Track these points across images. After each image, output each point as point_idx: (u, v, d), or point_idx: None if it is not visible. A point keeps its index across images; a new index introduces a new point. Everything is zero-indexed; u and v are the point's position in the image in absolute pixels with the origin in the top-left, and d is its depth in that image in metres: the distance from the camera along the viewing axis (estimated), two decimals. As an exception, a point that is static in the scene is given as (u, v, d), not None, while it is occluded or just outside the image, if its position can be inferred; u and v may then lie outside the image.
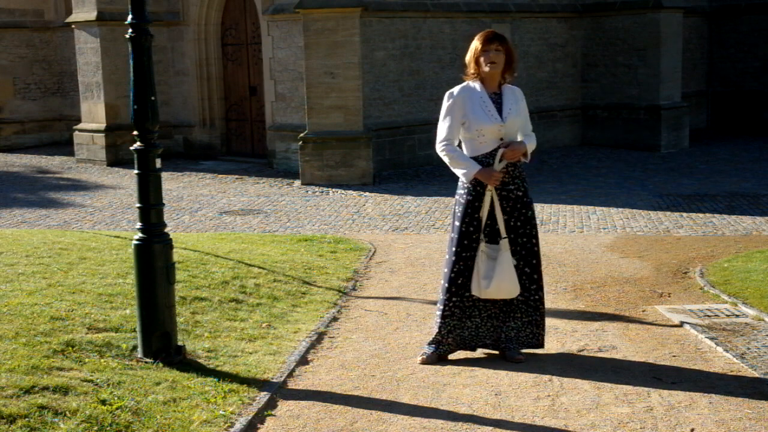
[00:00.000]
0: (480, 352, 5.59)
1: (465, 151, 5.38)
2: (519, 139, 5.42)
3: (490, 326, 5.48)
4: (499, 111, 5.31)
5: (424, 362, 5.45)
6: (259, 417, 4.57)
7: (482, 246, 5.32)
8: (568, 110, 17.31)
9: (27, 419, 4.09)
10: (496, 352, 5.55)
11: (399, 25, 14.64)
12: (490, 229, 5.37)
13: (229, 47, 16.51)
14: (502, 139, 5.32)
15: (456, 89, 5.42)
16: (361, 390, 5.02)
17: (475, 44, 5.35)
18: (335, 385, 5.10)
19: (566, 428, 4.44)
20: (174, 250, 5.28)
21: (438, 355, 5.48)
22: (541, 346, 5.55)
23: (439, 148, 5.42)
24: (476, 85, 5.37)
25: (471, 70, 5.38)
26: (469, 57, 5.39)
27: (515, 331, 5.49)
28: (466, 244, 5.38)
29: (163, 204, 5.26)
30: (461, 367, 5.36)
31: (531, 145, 5.41)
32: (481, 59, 5.31)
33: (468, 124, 5.33)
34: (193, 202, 12.44)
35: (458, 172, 5.37)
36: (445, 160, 5.41)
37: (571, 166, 15.16)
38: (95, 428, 4.13)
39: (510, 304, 5.45)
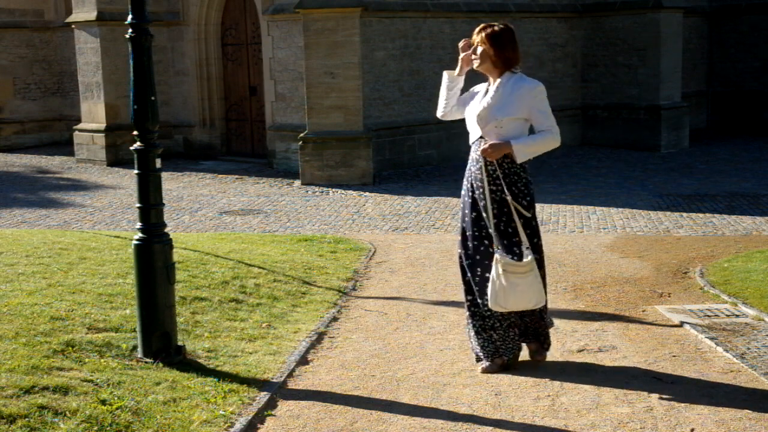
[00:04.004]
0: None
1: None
2: (502, 129, 5.02)
3: (512, 335, 5.25)
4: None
5: (485, 371, 5.20)
6: (259, 417, 4.57)
7: (496, 256, 4.98)
8: (568, 110, 17.30)
9: (27, 419, 4.09)
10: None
11: (399, 25, 14.64)
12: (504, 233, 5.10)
13: (229, 47, 16.51)
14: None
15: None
16: (361, 390, 5.02)
17: None
18: (335, 385, 5.10)
19: (566, 428, 4.44)
20: (174, 250, 5.28)
21: (500, 365, 5.22)
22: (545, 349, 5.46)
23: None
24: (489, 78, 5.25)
25: None
26: None
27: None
28: (471, 252, 5.20)
29: (163, 204, 5.26)
30: (461, 367, 5.36)
31: (525, 145, 4.98)
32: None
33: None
34: (193, 202, 12.44)
35: (443, 88, 5.34)
36: (441, 91, 5.38)
37: (571, 166, 15.16)
38: (95, 428, 4.13)
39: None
